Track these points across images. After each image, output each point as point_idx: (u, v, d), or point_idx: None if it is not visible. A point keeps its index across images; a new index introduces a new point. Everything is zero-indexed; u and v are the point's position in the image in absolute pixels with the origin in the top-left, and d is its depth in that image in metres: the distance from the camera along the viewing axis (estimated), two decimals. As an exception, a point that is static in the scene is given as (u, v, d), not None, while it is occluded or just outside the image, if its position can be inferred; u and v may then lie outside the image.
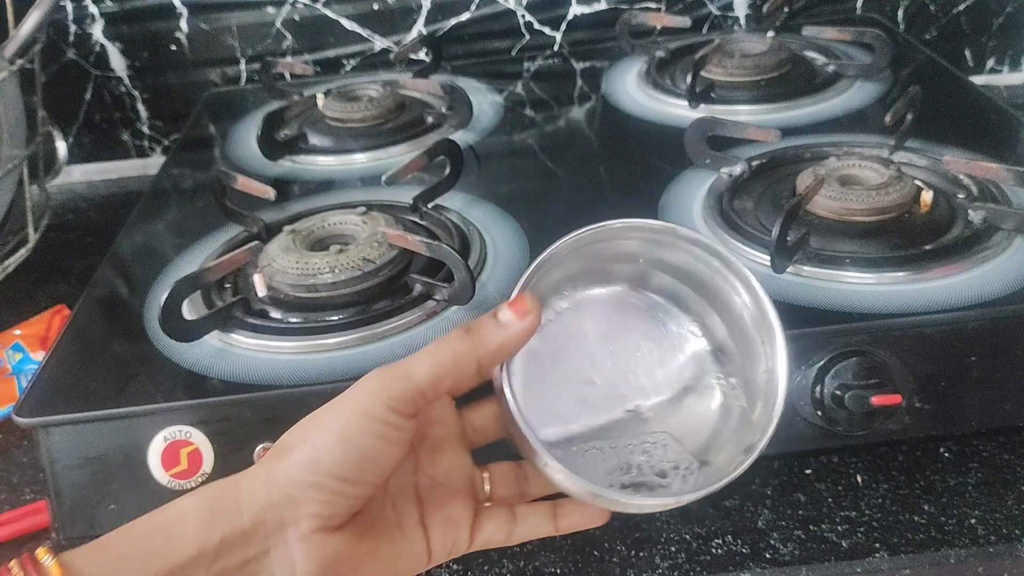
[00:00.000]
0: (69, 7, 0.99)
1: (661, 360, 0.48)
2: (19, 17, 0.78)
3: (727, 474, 0.41)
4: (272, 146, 0.82)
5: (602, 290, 0.48)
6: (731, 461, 0.43)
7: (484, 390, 0.44)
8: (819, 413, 0.52)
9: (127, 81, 1.04)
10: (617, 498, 0.42)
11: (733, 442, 0.45)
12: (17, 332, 0.74)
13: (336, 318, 0.58)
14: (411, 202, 0.68)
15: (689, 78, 0.82)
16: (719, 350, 0.48)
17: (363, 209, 0.65)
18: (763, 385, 0.44)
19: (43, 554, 0.36)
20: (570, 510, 0.46)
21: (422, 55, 1.00)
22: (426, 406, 0.40)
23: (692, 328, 0.48)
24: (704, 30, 1.05)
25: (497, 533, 0.46)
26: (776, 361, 0.43)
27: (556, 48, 1.05)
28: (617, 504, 0.42)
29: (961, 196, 0.64)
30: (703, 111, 0.81)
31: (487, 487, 0.46)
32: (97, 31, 1.01)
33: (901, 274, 0.56)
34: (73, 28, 1.01)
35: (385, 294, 0.59)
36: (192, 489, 0.52)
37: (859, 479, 0.56)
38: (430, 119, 0.87)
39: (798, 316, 0.54)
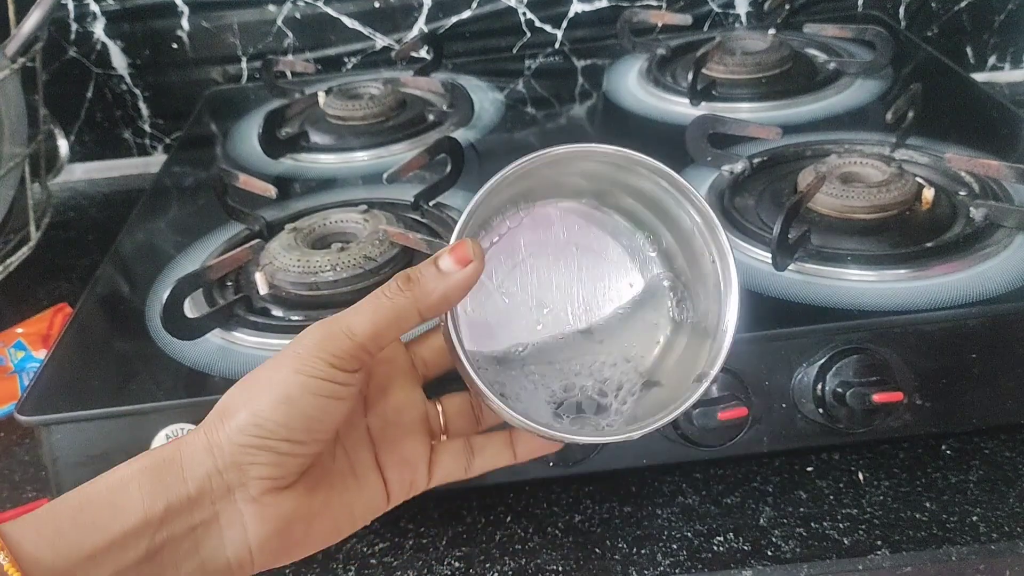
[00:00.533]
0: (70, 5, 0.99)
1: (616, 279, 0.47)
2: (20, 15, 0.78)
3: (678, 405, 0.41)
4: (273, 144, 0.82)
5: (557, 204, 0.47)
6: (681, 388, 0.42)
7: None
8: (820, 410, 0.52)
9: (128, 79, 1.04)
10: (567, 436, 0.41)
11: (683, 366, 0.45)
12: (19, 330, 0.74)
13: (338, 316, 0.57)
14: (412, 200, 0.68)
15: (690, 75, 0.82)
16: (674, 272, 0.47)
17: (364, 207, 0.65)
18: (715, 312, 0.44)
19: None
20: (527, 438, 0.45)
21: (423, 53, 1.00)
22: (370, 360, 0.39)
23: (648, 248, 0.47)
24: (705, 27, 1.04)
25: (455, 468, 0.45)
26: (729, 290, 0.43)
27: (557, 46, 1.05)
28: (567, 439, 0.42)
29: (962, 193, 0.64)
30: (704, 109, 0.81)
31: (441, 420, 0.45)
32: (98, 29, 1.01)
33: (902, 271, 0.56)
34: (74, 26, 1.01)
35: (386, 292, 0.59)
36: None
37: (860, 476, 0.56)
38: (431, 117, 0.87)
39: (799, 313, 0.54)
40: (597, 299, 0.47)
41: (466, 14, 1.03)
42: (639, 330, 0.47)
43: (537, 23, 1.04)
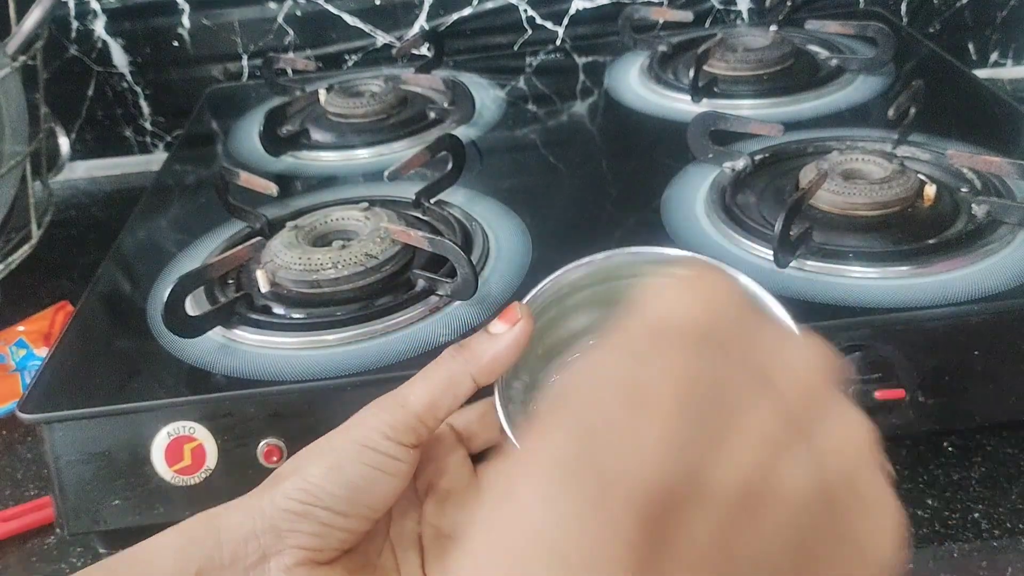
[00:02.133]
0: (71, 3, 0.99)
1: None
2: (21, 13, 0.78)
3: None
4: (274, 142, 0.82)
5: None
6: None
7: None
8: (822, 408, 0.52)
9: (129, 77, 1.04)
10: None
11: None
12: (21, 328, 0.74)
13: (339, 314, 0.57)
14: (414, 197, 0.68)
15: (692, 72, 0.82)
16: None
17: (366, 205, 0.65)
18: None
19: None
20: None
21: (424, 50, 1.00)
22: (427, 433, 0.39)
23: None
24: (706, 24, 1.04)
25: None
26: None
27: (558, 43, 1.05)
28: None
29: (964, 190, 0.63)
30: (706, 105, 0.81)
31: None
32: (99, 27, 1.01)
33: (904, 268, 0.56)
34: (75, 24, 1.01)
35: (388, 290, 0.59)
36: (196, 485, 0.52)
37: (862, 474, 0.55)
38: (432, 114, 0.86)
39: (801, 311, 0.53)
40: None
41: (467, 11, 1.03)
42: None
43: (538, 20, 1.04)
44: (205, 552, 0.36)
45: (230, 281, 0.62)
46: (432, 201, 0.68)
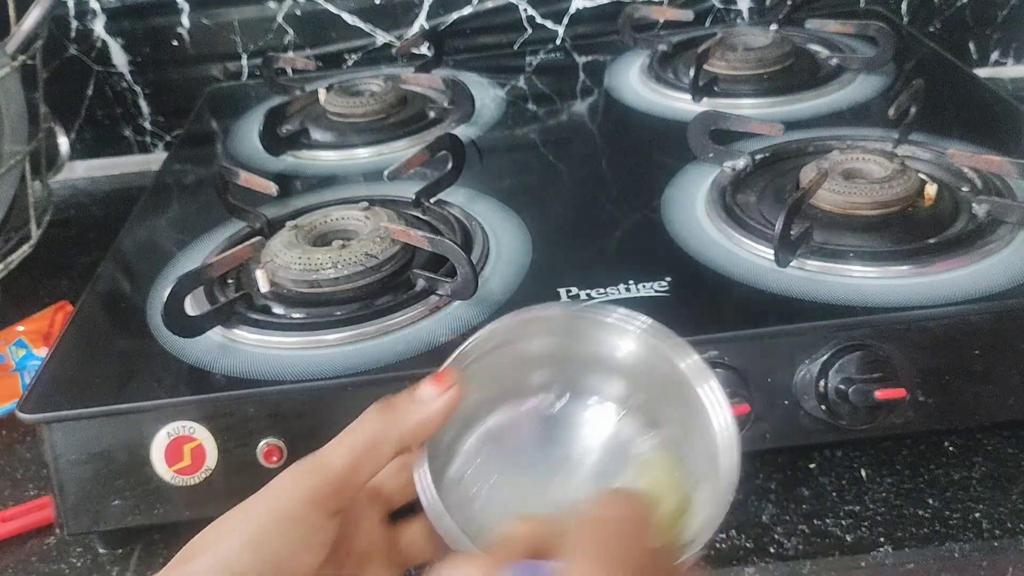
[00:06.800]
0: (70, 3, 0.99)
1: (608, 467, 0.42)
2: (20, 13, 0.78)
3: None
4: (274, 141, 0.82)
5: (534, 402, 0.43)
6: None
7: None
8: (823, 407, 0.52)
9: (129, 77, 1.04)
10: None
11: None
12: (20, 328, 0.74)
13: (339, 314, 0.57)
14: (413, 197, 0.68)
15: (692, 72, 0.82)
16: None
17: (365, 204, 0.65)
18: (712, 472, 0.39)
19: None
20: None
21: (424, 49, 1.00)
22: (349, 498, 0.37)
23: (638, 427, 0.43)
24: (707, 23, 1.04)
25: None
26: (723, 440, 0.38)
27: (558, 42, 1.05)
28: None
29: (965, 189, 0.63)
30: (706, 105, 0.81)
31: None
32: (99, 27, 1.01)
33: (905, 268, 0.56)
34: (75, 24, 1.01)
35: (388, 289, 0.59)
36: (196, 485, 0.52)
37: (863, 473, 0.56)
38: (432, 114, 0.86)
39: (802, 310, 0.54)
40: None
41: (467, 10, 1.03)
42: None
43: (538, 19, 1.04)
44: None
45: (230, 281, 0.62)
46: (432, 201, 0.68)
